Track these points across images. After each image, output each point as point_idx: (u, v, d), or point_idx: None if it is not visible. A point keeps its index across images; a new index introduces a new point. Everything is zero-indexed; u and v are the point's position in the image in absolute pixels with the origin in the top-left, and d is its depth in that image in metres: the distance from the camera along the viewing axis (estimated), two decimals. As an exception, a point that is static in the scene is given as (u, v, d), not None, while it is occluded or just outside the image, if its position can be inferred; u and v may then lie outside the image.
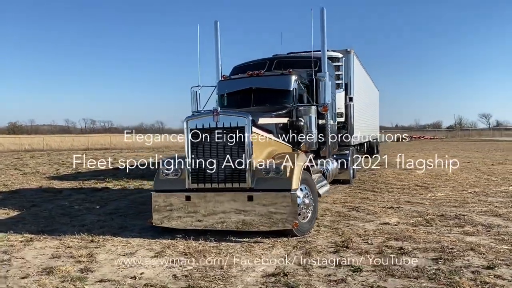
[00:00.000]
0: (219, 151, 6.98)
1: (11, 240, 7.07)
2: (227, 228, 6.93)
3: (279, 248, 6.36)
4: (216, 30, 10.46)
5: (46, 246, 6.67)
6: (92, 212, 9.53)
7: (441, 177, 15.50)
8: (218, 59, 10.50)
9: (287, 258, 5.85)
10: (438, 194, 11.36)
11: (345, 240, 6.62)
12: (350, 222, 8.03)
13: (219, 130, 6.97)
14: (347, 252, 6.05)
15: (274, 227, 6.70)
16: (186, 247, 6.45)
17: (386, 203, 10.05)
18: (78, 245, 6.70)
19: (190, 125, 7.15)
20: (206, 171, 7.03)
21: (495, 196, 10.84)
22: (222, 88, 9.24)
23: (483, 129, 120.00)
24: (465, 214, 8.55)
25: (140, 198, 11.44)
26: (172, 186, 7.28)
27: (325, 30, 9.46)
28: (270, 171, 6.82)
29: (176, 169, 7.32)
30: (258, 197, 6.74)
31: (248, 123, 6.88)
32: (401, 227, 7.59)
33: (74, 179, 16.55)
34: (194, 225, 7.07)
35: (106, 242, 6.86)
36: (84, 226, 7.98)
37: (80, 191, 12.93)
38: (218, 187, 7.00)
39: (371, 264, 5.50)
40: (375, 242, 6.59)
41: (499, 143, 49.81)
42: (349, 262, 5.57)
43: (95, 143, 58.96)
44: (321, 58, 9.93)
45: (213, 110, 7.03)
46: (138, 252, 6.29)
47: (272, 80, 8.81)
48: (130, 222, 8.38)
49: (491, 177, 15.28)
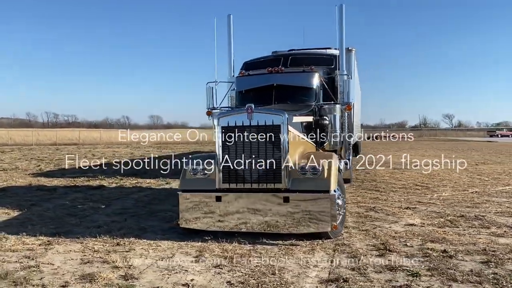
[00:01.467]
0: (253, 150, 6.69)
1: (27, 243, 6.56)
2: (261, 230, 6.65)
3: (319, 251, 6.15)
4: (229, 24, 10.10)
5: (70, 250, 6.22)
6: (99, 212, 9.04)
7: (435, 177, 15.71)
8: (231, 54, 10.13)
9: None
10: (443, 194, 11.44)
11: (383, 242, 6.48)
12: (375, 224, 7.90)
13: (253, 128, 6.68)
14: (392, 255, 5.89)
15: (312, 229, 6.48)
16: (223, 250, 6.15)
17: (398, 203, 10.02)
18: (104, 248, 6.27)
19: (222, 123, 6.82)
20: (239, 171, 6.72)
21: (499, 197, 10.99)
22: (240, 85, 8.91)
23: (446, 129, 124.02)
24: (483, 214, 8.59)
25: (144, 197, 10.98)
26: (201, 186, 6.93)
27: (343, 28, 9.30)
28: (307, 171, 6.59)
29: (204, 168, 6.97)
30: (295, 198, 6.50)
31: (284, 121, 6.62)
32: (429, 228, 7.52)
33: (62, 176, 15.81)
34: (225, 227, 6.75)
35: (133, 245, 6.46)
36: (100, 228, 7.53)
37: (76, 189, 12.31)
38: (251, 188, 6.71)
39: (423, 268, 5.36)
40: (414, 244, 6.48)
41: (469, 143, 51.44)
42: (401, 266, 5.42)
43: (63, 137, 57.08)
44: (337, 55, 9.79)
45: (247, 107, 6.73)
46: (176, 256, 5.92)
47: (295, 77, 8.55)
48: (147, 223, 7.96)
49: (482, 177, 15.60)
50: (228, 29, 10.13)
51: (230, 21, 10.10)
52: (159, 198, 10.79)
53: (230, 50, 10.15)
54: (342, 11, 9.31)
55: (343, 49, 9.21)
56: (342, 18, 9.32)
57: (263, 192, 6.65)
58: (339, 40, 9.36)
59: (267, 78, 8.65)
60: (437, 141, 58.99)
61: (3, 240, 6.69)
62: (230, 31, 10.12)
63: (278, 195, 6.57)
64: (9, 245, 6.41)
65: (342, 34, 9.30)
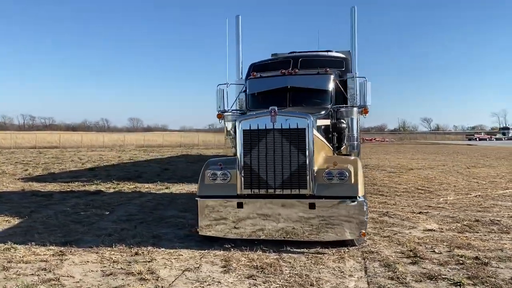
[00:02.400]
0: (277, 154, 6.44)
1: (38, 254, 6.16)
2: (285, 238, 6.40)
3: (348, 259, 5.93)
4: (238, 25, 9.85)
5: (87, 261, 5.86)
6: (104, 219, 8.65)
7: (433, 180, 15.76)
8: (239, 55, 9.88)
9: (368, 271, 5.45)
10: (449, 198, 11.40)
11: (411, 249, 6.32)
12: (393, 229, 7.75)
13: (277, 132, 6.43)
14: (425, 263, 5.73)
15: (339, 237, 6.26)
16: (249, 259, 5.88)
17: (409, 207, 9.91)
18: (123, 258, 5.93)
19: (244, 126, 6.56)
20: (261, 176, 6.47)
21: (503, 201, 11.01)
22: (253, 87, 8.64)
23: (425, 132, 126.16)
24: (498, 219, 8.54)
25: (147, 202, 10.61)
26: (221, 191, 6.63)
27: (355, 30, 9.19)
28: (334, 176, 6.37)
29: (225, 173, 6.68)
30: (322, 205, 6.27)
31: (310, 124, 6.40)
32: (449, 234, 7.40)
33: (54, 180, 15.25)
34: (248, 235, 6.48)
35: (153, 254, 6.14)
36: (111, 236, 7.16)
37: (73, 195, 11.84)
38: (275, 193, 6.45)
39: (463, 276, 5.20)
40: (442, 251, 6.34)
41: (452, 146, 52.30)
42: (439, 274, 5.25)
43: (42, 140, 55.68)
44: (347, 58, 9.67)
45: (270, 110, 6.48)
46: (202, 266, 5.63)
47: (310, 79, 8.33)
48: (159, 231, 7.62)
49: (478, 180, 15.70)
50: (237, 30, 9.89)
51: (239, 22, 9.87)
52: (162, 204, 10.44)
53: (239, 52, 9.90)
54: (354, 13, 9.21)
55: (355, 52, 9.08)
56: (354, 21, 9.21)
57: (287, 198, 6.40)
58: (352, 42, 9.25)
59: (281, 80, 8.41)
60: (419, 145, 59.75)
61: (11, 251, 6.28)
62: (238, 32, 9.88)
63: (303, 201, 6.33)
64: (19, 256, 6.01)
65: (354, 36, 9.19)
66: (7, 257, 5.96)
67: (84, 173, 17.92)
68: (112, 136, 68.55)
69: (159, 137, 68.49)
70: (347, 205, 6.22)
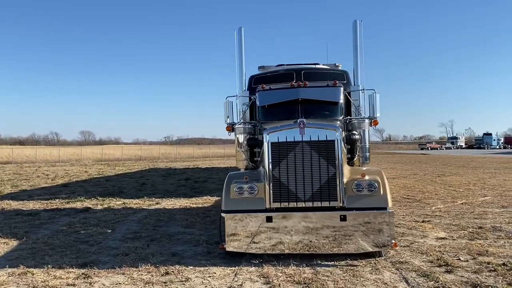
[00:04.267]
0: (305, 167, 6.40)
1: (60, 277, 5.77)
2: (316, 251, 6.34)
3: (383, 270, 5.96)
4: (240, 36, 9.78)
5: (118, 283, 5.55)
6: (109, 238, 8.25)
7: (413, 189, 16.23)
8: (242, 67, 9.78)
9: (409, 282, 5.48)
10: (439, 206, 11.77)
11: (438, 258, 6.43)
12: (407, 239, 7.88)
13: (306, 144, 6.40)
14: (460, 271, 5.85)
15: (372, 248, 6.27)
16: (286, 274, 5.79)
17: (409, 216, 10.14)
18: (155, 279, 5.67)
19: (271, 139, 6.48)
20: (291, 189, 6.40)
21: (490, 207, 11.48)
22: (264, 99, 8.56)
23: (378, 142, 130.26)
24: (498, 226, 8.88)
25: (145, 219, 10.23)
26: (248, 206, 6.49)
27: (357, 43, 9.37)
28: (363, 188, 6.40)
29: (251, 187, 6.55)
30: (353, 217, 6.28)
31: (339, 136, 6.42)
32: (462, 241, 7.61)
33: (31, 198, 14.43)
34: (277, 250, 6.36)
35: (184, 273, 5.91)
36: (127, 256, 6.82)
37: (61, 213, 11.22)
38: (305, 206, 6.39)
39: (503, 283, 5.34)
40: (467, 258, 6.49)
41: (410, 156, 54.25)
42: (481, 282, 5.36)
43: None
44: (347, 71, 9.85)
45: (299, 122, 6.45)
46: (245, 283, 5.46)
47: (321, 92, 8.36)
48: (176, 248, 7.35)
49: (455, 188, 16.32)
50: (239, 41, 9.81)
51: (241, 33, 9.79)
52: (162, 220, 10.10)
53: (242, 64, 9.81)
54: (356, 26, 9.39)
55: (358, 64, 9.25)
56: (357, 34, 9.39)
57: (317, 211, 6.36)
58: (355, 56, 9.41)
59: (293, 92, 8.39)
60: (379, 154, 61.48)
61: (29, 275, 5.86)
62: (241, 44, 9.80)
63: (334, 213, 6.31)
64: (41, 281, 5.61)
65: (357, 49, 9.37)
66: (28, 283, 5.55)
67: (60, 189, 17.08)
68: (67, 150, 66.06)
69: (117, 151, 66.56)
70: (378, 216, 6.25)
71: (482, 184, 17.58)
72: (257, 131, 8.21)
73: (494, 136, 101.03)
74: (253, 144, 8.12)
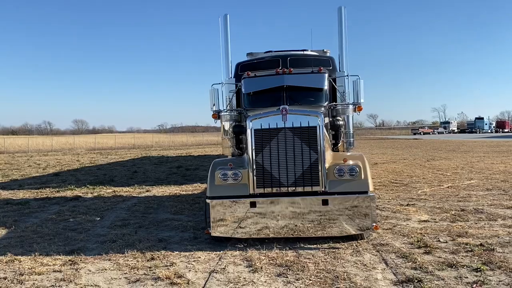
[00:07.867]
0: (288, 153, 6.51)
1: (47, 264, 5.87)
2: (299, 235, 6.49)
3: (364, 253, 6.11)
4: (226, 24, 9.80)
5: (103, 268, 5.66)
6: (98, 225, 8.35)
7: (402, 174, 16.43)
8: (228, 55, 9.81)
9: (389, 263, 5.64)
10: (426, 190, 11.96)
11: (418, 240, 6.60)
12: (390, 221, 8.05)
13: (289, 130, 6.50)
14: (438, 252, 6.01)
15: (354, 231, 6.43)
16: (269, 257, 5.92)
17: (394, 200, 10.33)
18: (141, 264, 5.78)
19: (255, 125, 6.57)
20: (274, 175, 6.51)
21: (475, 190, 11.70)
22: (249, 86, 8.62)
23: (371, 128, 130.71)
24: (480, 208, 9.07)
25: (135, 206, 10.33)
26: (232, 191, 6.60)
27: (343, 29, 9.42)
28: (345, 172, 6.52)
29: (235, 173, 6.65)
30: (335, 201, 6.41)
31: (321, 122, 6.52)
32: (443, 223, 7.79)
33: (21, 187, 14.47)
34: (262, 234, 6.50)
35: (169, 258, 6.03)
36: (115, 242, 6.92)
37: (51, 202, 11.30)
38: (288, 192, 6.52)
39: (478, 262, 5.50)
40: (446, 240, 6.66)
41: (403, 141, 54.59)
42: (457, 262, 5.52)
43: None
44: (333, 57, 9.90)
45: (281, 108, 6.53)
46: (228, 267, 5.59)
47: (306, 78, 8.42)
48: (163, 234, 7.47)
49: (443, 172, 16.55)
50: (225, 29, 9.82)
51: (227, 20, 9.81)
52: (151, 207, 10.20)
53: (228, 51, 9.83)
54: (341, 13, 9.43)
55: (344, 51, 9.31)
56: (342, 20, 9.43)
57: (300, 195, 6.49)
58: (340, 42, 9.46)
59: (278, 79, 8.44)
60: (372, 140, 61.79)
61: (16, 262, 5.96)
62: (227, 31, 9.82)
63: (316, 198, 6.44)
64: (28, 268, 5.70)
65: (342, 36, 9.42)
66: (15, 270, 5.64)
67: (51, 178, 17.13)
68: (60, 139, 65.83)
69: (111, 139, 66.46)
70: (359, 200, 6.40)
71: (470, 167, 17.82)
72: (243, 118, 8.29)
73: (486, 120, 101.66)
74: (239, 131, 8.20)
